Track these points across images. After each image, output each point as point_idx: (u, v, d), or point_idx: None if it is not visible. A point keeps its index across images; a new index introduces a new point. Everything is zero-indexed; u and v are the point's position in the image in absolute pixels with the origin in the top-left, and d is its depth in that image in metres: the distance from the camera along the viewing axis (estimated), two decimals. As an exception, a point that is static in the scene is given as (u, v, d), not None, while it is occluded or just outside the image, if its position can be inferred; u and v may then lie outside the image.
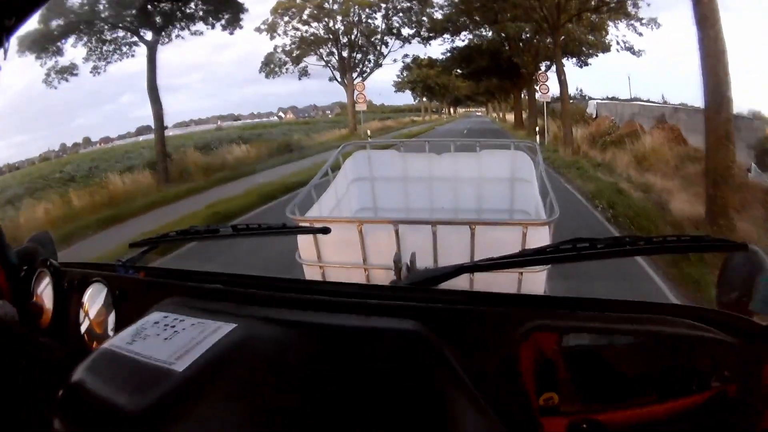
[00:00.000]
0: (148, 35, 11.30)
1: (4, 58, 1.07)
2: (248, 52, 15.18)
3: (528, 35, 13.84)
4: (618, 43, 12.75)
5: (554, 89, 13.08)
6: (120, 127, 12.19)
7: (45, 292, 1.17)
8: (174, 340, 0.73)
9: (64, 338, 1.11)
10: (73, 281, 1.14)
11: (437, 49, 19.57)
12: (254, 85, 15.11)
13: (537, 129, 13.14)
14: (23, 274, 1.23)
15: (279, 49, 14.87)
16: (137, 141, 12.34)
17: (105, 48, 11.27)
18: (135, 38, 11.27)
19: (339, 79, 15.21)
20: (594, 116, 13.42)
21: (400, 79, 17.61)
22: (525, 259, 0.91)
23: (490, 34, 14.46)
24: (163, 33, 11.50)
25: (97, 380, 0.69)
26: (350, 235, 1.57)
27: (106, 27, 10.94)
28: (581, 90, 14.04)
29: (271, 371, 0.68)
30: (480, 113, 21.13)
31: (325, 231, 1.37)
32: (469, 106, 21.72)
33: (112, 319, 1.06)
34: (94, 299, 1.11)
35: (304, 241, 1.67)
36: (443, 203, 2.54)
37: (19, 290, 1.19)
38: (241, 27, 12.83)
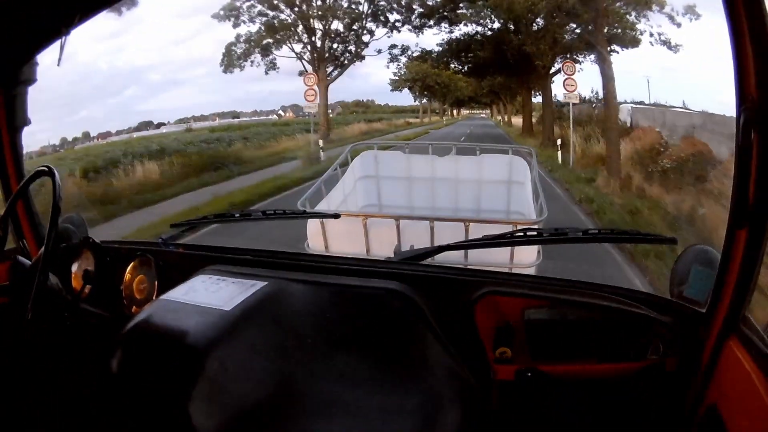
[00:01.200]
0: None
1: (60, 57, 1.28)
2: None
3: (542, 19, 11.80)
4: (652, 35, 10.19)
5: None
6: (123, 121, 12.44)
7: (85, 265, 1.43)
8: (220, 293, 1.04)
9: (105, 305, 1.38)
10: (116, 255, 1.42)
11: (432, 39, 18.32)
12: (262, 82, 15.12)
13: (559, 141, 10.83)
14: (61, 251, 1.46)
15: (242, 39, 13.47)
16: (131, 137, 12.19)
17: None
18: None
19: (311, 73, 13.55)
20: (629, 125, 10.51)
21: (396, 78, 15.77)
22: (488, 242, 1.25)
23: (494, 22, 12.61)
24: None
25: (157, 323, 0.97)
26: (356, 228, 1.85)
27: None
28: (597, 92, 11.71)
29: (293, 312, 1.03)
30: (484, 115, 20.58)
31: (336, 216, 1.71)
32: (473, 108, 20.79)
33: (155, 286, 1.35)
34: (137, 270, 1.40)
35: (312, 233, 1.97)
36: (444, 203, 2.86)
37: (58, 266, 1.40)
38: (136, 4, 11.03)
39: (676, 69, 10.68)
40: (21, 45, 1.34)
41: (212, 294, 1.04)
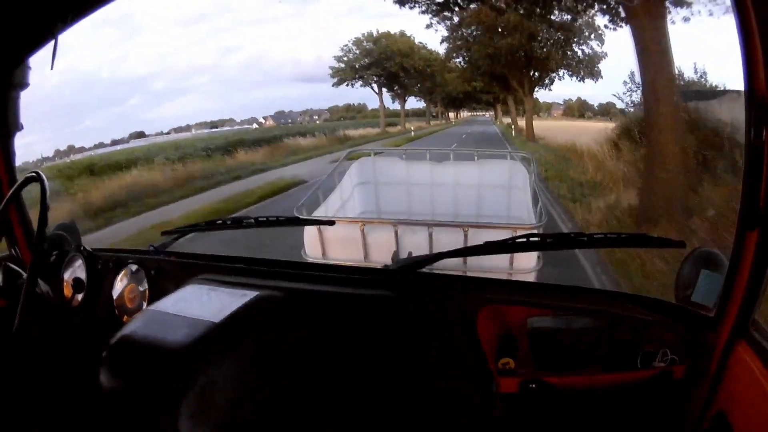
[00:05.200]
0: None
1: (53, 60, 1.30)
2: (257, 55, 14.30)
3: None
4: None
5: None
6: (127, 129, 12.32)
7: (76, 273, 1.45)
8: (210, 303, 1.05)
9: (96, 314, 1.41)
10: (107, 263, 1.45)
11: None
12: (261, 88, 15.18)
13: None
14: (53, 258, 1.51)
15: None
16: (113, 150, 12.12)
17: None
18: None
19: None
20: None
21: (342, 64, 10.66)
22: (488, 249, 1.23)
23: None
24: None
25: (144, 333, 0.98)
26: (353, 235, 1.87)
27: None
28: (705, 73, 8.01)
29: (286, 323, 1.03)
30: (488, 116, 16.79)
31: (331, 223, 1.71)
32: (475, 109, 16.75)
33: (146, 295, 1.37)
34: (128, 279, 1.41)
35: (310, 240, 1.98)
36: (442, 209, 2.89)
37: (50, 273, 1.45)
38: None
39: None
40: (11, 48, 1.35)
41: (202, 305, 1.04)
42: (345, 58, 10.51)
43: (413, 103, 14.35)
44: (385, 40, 10.26)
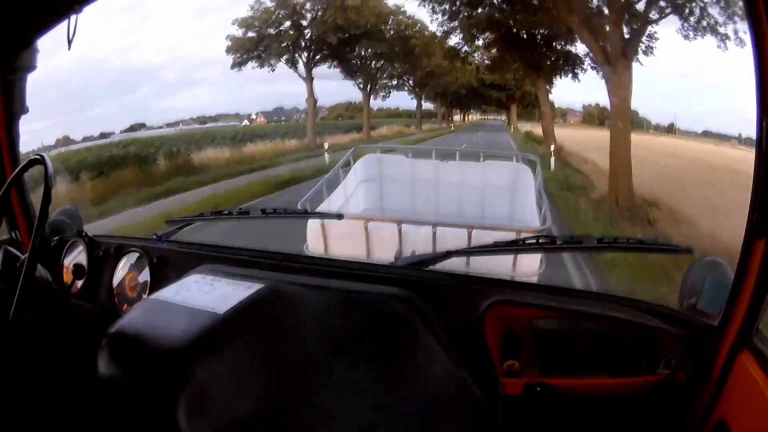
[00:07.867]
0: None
1: (72, 38, 1.30)
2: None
3: None
4: None
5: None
6: (137, 119, 12.21)
7: (77, 259, 1.47)
8: (213, 294, 1.05)
9: (95, 301, 1.42)
10: (108, 250, 1.45)
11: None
12: (272, 82, 13.65)
13: None
14: (54, 244, 1.52)
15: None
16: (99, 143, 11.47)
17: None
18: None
19: None
20: None
21: (243, 31, 6.87)
22: (498, 248, 1.28)
23: None
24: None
25: (145, 323, 0.98)
26: (357, 231, 1.90)
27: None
28: None
29: (291, 316, 1.03)
30: (503, 120, 12.91)
31: (339, 217, 1.75)
32: (485, 111, 12.85)
33: (147, 283, 1.37)
34: (129, 267, 1.42)
35: (312, 235, 2.01)
36: (446, 208, 2.92)
37: (50, 259, 1.45)
38: None
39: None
40: (21, 28, 1.35)
41: (205, 295, 1.04)
42: (254, 23, 6.74)
43: (409, 102, 11.60)
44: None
